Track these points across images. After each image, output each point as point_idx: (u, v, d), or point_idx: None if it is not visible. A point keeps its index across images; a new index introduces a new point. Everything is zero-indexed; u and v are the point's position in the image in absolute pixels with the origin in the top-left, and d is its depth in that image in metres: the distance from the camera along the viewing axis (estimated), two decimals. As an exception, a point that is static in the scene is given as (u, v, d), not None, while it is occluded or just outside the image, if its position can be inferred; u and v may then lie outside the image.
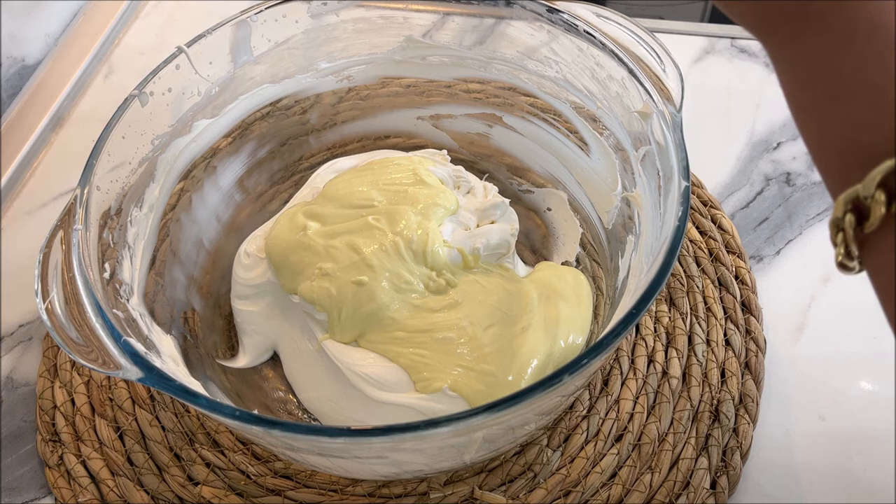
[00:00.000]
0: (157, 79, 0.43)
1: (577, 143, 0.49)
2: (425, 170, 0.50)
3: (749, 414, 0.44)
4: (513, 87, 0.51)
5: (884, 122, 0.23)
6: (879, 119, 0.24)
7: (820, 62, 0.25)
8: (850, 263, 0.25)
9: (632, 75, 0.41)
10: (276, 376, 0.48)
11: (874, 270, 0.25)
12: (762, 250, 0.52)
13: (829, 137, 0.26)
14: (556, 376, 0.31)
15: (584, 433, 0.44)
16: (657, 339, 0.47)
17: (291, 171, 0.55)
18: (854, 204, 0.24)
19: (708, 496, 0.41)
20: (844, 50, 0.24)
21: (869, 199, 0.23)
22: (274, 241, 0.47)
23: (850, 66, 0.24)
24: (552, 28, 0.45)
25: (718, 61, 0.64)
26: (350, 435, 0.31)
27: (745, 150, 0.58)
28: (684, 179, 0.36)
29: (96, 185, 0.39)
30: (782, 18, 0.26)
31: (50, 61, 0.65)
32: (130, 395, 0.47)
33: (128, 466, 0.44)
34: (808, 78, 0.26)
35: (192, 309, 0.48)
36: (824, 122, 0.26)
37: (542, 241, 0.53)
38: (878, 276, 0.25)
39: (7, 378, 0.49)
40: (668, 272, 0.33)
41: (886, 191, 0.23)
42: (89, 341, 0.34)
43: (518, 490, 0.42)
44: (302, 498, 0.43)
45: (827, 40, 0.25)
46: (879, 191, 0.23)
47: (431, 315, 0.43)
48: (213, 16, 0.49)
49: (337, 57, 0.51)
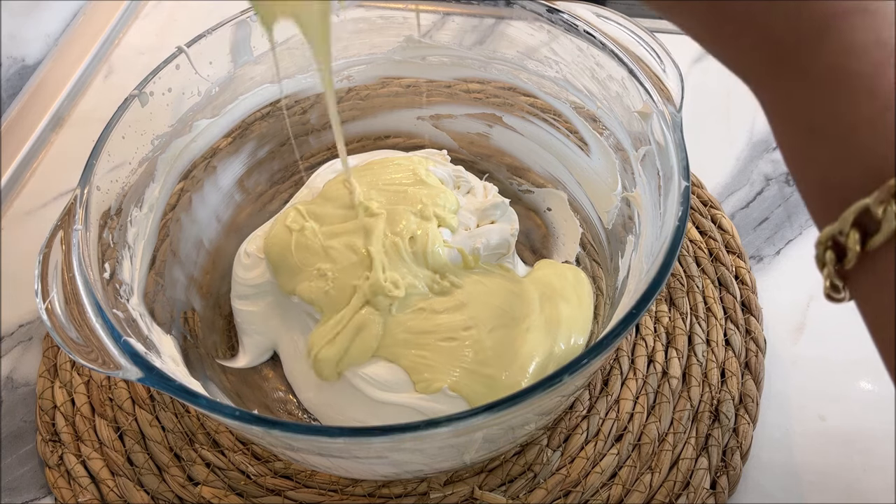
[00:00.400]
0: (157, 79, 0.43)
1: (577, 143, 0.49)
2: (425, 170, 0.50)
3: (749, 414, 0.44)
4: (513, 87, 0.51)
5: (856, 162, 0.24)
6: (852, 159, 0.24)
7: (796, 106, 0.26)
8: (836, 296, 0.26)
9: (632, 75, 0.41)
10: (276, 376, 0.48)
11: (859, 301, 0.26)
12: (762, 250, 0.52)
13: (808, 177, 0.26)
14: (556, 376, 0.31)
15: (584, 433, 0.44)
16: (657, 339, 0.47)
17: (291, 171, 0.55)
18: (834, 241, 0.25)
19: (708, 496, 0.41)
20: (818, 94, 0.25)
21: (844, 238, 0.24)
22: (272, 242, 0.47)
23: (823, 109, 0.25)
24: (552, 28, 0.45)
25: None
26: (350, 435, 0.31)
27: (745, 150, 0.58)
28: (684, 179, 0.36)
29: (96, 185, 0.39)
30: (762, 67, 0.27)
31: (50, 61, 0.65)
32: (130, 395, 0.47)
33: (128, 466, 0.44)
34: (787, 120, 0.27)
35: (192, 309, 0.48)
36: (804, 162, 0.26)
37: (542, 241, 0.53)
38: (865, 309, 0.26)
39: (7, 378, 0.49)
40: (668, 272, 0.33)
41: (860, 229, 0.24)
42: (89, 341, 0.34)
43: (518, 490, 0.42)
44: (302, 498, 0.43)
45: (802, 86, 0.26)
46: (853, 230, 0.24)
47: (436, 317, 0.43)
48: (213, 16, 0.49)
49: (337, 57, 0.51)
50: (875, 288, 0.25)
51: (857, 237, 0.24)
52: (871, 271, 0.24)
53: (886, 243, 0.23)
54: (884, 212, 0.23)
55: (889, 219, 0.23)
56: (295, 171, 0.55)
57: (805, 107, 0.26)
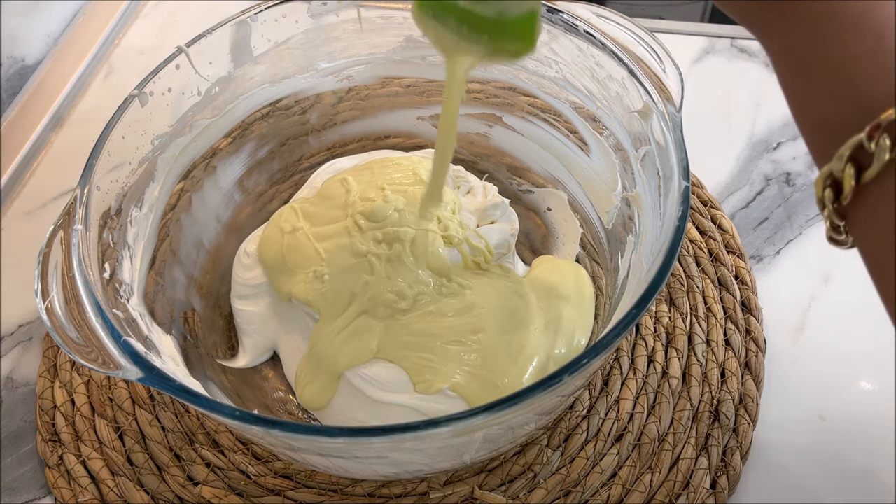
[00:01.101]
0: (157, 79, 0.43)
1: (577, 143, 0.49)
2: (425, 170, 0.50)
3: (749, 414, 0.44)
4: (513, 87, 0.51)
5: (848, 100, 0.25)
6: (844, 98, 0.26)
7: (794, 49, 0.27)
8: (837, 237, 0.27)
9: (632, 75, 0.41)
10: (276, 376, 0.48)
11: (857, 240, 0.27)
12: (762, 250, 0.52)
13: (807, 118, 0.28)
14: (556, 376, 0.31)
15: (584, 433, 0.44)
16: (657, 339, 0.47)
17: (291, 171, 0.55)
18: (832, 180, 0.26)
19: (708, 496, 0.41)
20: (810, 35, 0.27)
21: (840, 174, 0.25)
22: (265, 244, 0.47)
23: (816, 51, 0.26)
24: (552, 28, 0.45)
25: (718, 61, 0.64)
26: (350, 435, 0.31)
27: (745, 150, 0.58)
28: (684, 179, 0.36)
29: (96, 185, 0.39)
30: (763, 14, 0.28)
31: (50, 61, 0.65)
32: (130, 395, 0.47)
33: (128, 466, 0.44)
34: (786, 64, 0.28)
35: (192, 309, 0.48)
36: (802, 104, 0.28)
37: (542, 241, 0.53)
38: (862, 244, 0.27)
39: (7, 378, 0.49)
40: (668, 272, 0.33)
41: (855, 165, 0.25)
42: (89, 341, 0.34)
43: (518, 490, 0.42)
44: (302, 498, 0.43)
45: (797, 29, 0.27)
46: (849, 165, 0.25)
47: (443, 319, 0.43)
48: (213, 16, 0.49)
49: (337, 57, 0.51)
50: (870, 220, 0.25)
51: (851, 172, 0.25)
52: (866, 204, 0.25)
53: (879, 175, 0.24)
54: (876, 145, 0.24)
55: (881, 151, 0.24)
56: (295, 171, 0.55)
57: (801, 50, 0.27)
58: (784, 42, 0.28)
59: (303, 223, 0.47)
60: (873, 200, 0.25)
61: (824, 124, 0.26)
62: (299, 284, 0.45)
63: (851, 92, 0.25)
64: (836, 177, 0.25)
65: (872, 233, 0.26)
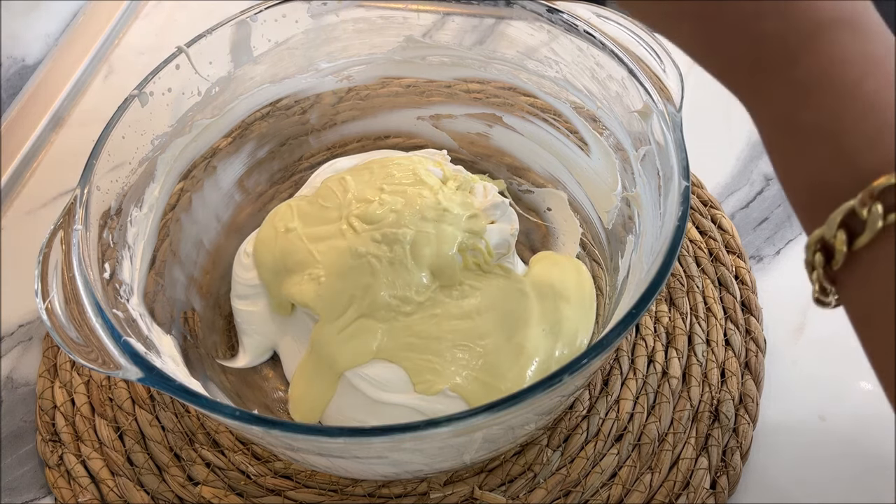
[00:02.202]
0: (157, 79, 0.43)
1: (577, 143, 0.49)
2: (425, 170, 0.50)
3: (749, 414, 0.44)
4: (513, 87, 0.51)
5: (841, 165, 0.25)
6: (837, 163, 0.25)
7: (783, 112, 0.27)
8: (825, 300, 0.27)
9: (632, 75, 0.40)
10: (276, 376, 0.48)
11: (847, 304, 0.27)
12: (762, 250, 0.52)
13: (796, 181, 0.27)
14: (556, 376, 0.31)
15: (584, 433, 0.44)
16: (657, 339, 0.47)
17: (291, 171, 0.55)
18: (822, 244, 0.26)
19: (708, 496, 0.41)
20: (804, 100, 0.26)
21: (832, 239, 0.25)
22: (260, 246, 0.48)
23: (809, 115, 0.26)
24: (552, 28, 0.45)
25: (718, 61, 0.64)
26: (350, 435, 0.31)
27: (745, 150, 0.58)
28: (684, 179, 0.36)
29: (96, 185, 0.39)
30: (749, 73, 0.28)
31: (50, 61, 0.65)
32: (130, 395, 0.47)
33: (128, 466, 0.44)
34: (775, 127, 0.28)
35: (192, 309, 0.48)
36: (791, 167, 0.28)
37: (542, 241, 0.53)
38: (852, 309, 0.27)
39: (7, 378, 0.49)
40: (668, 272, 0.33)
41: (847, 231, 0.25)
42: (89, 341, 0.34)
43: (518, 490, 0.42)
44: (302, 498, 0.43)
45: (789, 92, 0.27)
46: (840, 231, 0.25)
47: (448, 322, 0.43)
48: (213, 16, 0.48)
49: (337, 57, 0.51)
50: (862, 286, 0.25)
51: (843, 238, 0.25)
52: (858, 271, 0.25)
53: (871, 243, 0.24)
54: (868, 212, 0.24)
55: (873, 219, 0.24)
56: (295, 171, 0.55)
57: (791, 112, 0.27)
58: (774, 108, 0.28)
59: (297, 223, 0.47)
60: (865, 267, 0.25)
61: (814, 189, 0.26)
62: (295, 286, 0.45)
63: (844, 158, 0.25)
64: (828, 242, 0.25)
65: (864, 299, 0.26)
